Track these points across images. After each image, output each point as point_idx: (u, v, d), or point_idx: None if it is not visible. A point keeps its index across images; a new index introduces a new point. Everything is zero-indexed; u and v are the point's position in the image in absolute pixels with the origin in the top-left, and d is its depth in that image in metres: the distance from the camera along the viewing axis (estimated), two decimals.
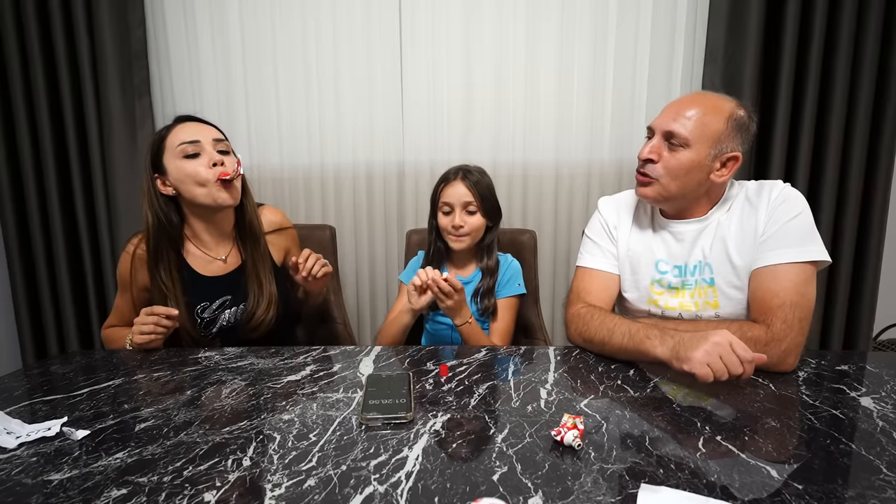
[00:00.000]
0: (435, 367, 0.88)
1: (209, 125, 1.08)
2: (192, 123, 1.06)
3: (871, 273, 1.65)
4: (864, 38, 1.53)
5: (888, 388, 0.77)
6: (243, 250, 1.14)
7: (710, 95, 0.95)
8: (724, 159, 0.92)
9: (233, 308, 1.12)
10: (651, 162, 0.95)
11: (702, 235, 0.98)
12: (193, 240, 1.11)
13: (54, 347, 1.83)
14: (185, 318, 1.06)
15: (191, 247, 1.11)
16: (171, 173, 1.03)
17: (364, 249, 1.84)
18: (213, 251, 1.12)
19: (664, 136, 0.94)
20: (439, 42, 1.70)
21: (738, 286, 0.94)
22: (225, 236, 1.13)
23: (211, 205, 1.04)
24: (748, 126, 0.93)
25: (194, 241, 1.11)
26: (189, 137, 1.02)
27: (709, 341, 0.75)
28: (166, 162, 1.03)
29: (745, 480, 0.53)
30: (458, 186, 1.21)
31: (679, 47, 1.68)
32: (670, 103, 0.97)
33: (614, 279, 1.05)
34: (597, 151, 1.74)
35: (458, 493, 0.52)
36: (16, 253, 1.76)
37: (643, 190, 0.98)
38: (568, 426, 0.61)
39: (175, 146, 1.02)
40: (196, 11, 1.71)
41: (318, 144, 1.77)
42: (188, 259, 1.10)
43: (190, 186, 1.02)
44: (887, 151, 1.58)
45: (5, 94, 1.69)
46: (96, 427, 0.67)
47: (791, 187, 0.94)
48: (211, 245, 1.12)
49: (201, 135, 1.04)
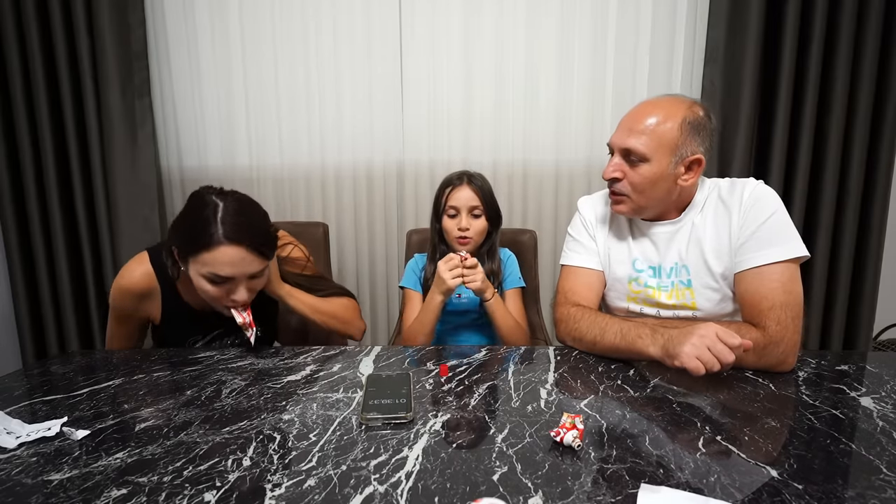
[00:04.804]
0: (435, 367, 0.88)
1: (255, 252, 0.90)
2: (236, 251, 0.88)
3: (871, 273, 1.65)
4: (864, 38, 1.53)
5: (888, 388, 0.77)
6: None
7: (661, 102, 0.94)
8: (686, 163, 0.92)
9: (224, 339, 1.10)
10: (616, 180, 0.96)
11: (676, 237, 0.98)
12: (191, 284, 1.00)
13: (54, 347, 1.83)
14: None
15: (188, 284, 1.00)
16: (188, 272, 0.93)
17: (364, 249, 1.84)
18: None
19: (622, 153, 0.95)
20: (439, 42, 1.70)
21: (715, 287, 0.95)
22: None
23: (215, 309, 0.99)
24: (706, 125, 0.92)
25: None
26: (224, 273, 0.89)
27: (695, 335, 0.76)
28: (189, 264, 0.91)
29: (745, 480, 0.53)
30: (464, 190, 1.22)
31: (679, 47, 1.68)
32: (623, 117, 0.97)
33: (599, 276, 1.06)
34: (597, 151, 1.74)
35: (458, 493, 0.51)
36: (16, 253, 1.76)
37: (617, 207, 1.00)
38: (567, 426, 0.61)
39: (204, 268, 0.89)
40: (196, 11, 1.71)
41: (318, 144, 1.77)
42: (182, 294, 1.04)
43: (200, 290, 0.94)
44: (887, 151, 1.58)
45: (5, 94, 1.69)
46: (96, 427, 0.67)
47: (763, 185, 0.94)
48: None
49: (239, 271, 0.90)
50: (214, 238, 0.87)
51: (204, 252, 0.88)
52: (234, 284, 0.92)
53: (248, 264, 0.90)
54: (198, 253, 0.88)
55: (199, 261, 0.89)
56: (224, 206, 0.90)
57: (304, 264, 1.14)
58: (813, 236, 1.63)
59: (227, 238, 0.87)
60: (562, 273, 1.10)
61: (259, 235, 0.92)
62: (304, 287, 1.09)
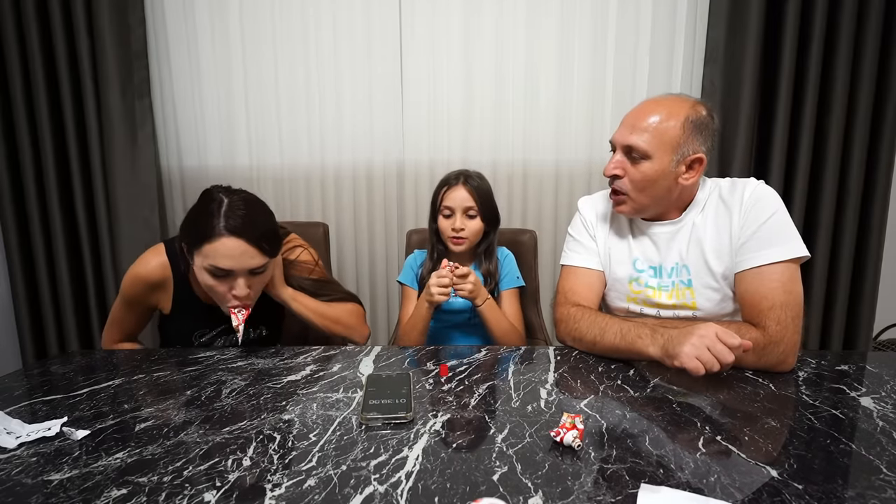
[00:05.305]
0: (435, 367, 0.88)
1: (255, 246, 0.92)
2: (237, 243, 0.90)
3: (871, 273, 1.65)
4: (864, 38, 1.53)
5: (888, 388, 0.77)
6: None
7: (665, 100, 0.94)
8: (688, 162, 0.92)
9: (230, 336, 1.10)
10: (617, 178, 0.96)
11: (677, 237, 0.98)
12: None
13: (54, 347, 1.83)
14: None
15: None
16: (193, 265, 0.95)
17: (364, 249, 1.84)
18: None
19: (624, 150, 0.95)
20: (439, 41, 1.70)
21: (716, 287, 0.94)
22: None
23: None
24: (708, 124, 0.92)
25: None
26: (224, 265, 0.90)
27: (694, 335, 0.76)
28: (194, 257, 0.94)
29: (745, 480, 0.53)
30: (459, 191, 1.21)
31: (679, 47, 1.68)
32: (626, 115, 0.97)
33: (599, 276, 1.06)
34: (597, 151, 1.74)
35: (458, 493, 0.51)
36: (16, 253, 1.76)
37: (618, 207, 1.00)
38: (567, 426, 0.61)
39: (205, 261, 0.91)
40: (196, 11, 1.71)
41: (318, 144, 1.77)
42: (194, 286, 1.06)
43: (203, 285, 0.96)
44: (887, 151, 1.58)
45: (5, 94, 1.69)
46: (96, 427, 0.67)
47: (764, 185, 0.94)
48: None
49: (238, 264, 0.91)
50: (216, 230, 0.89)
51: (206, 243, 0.90)
52: (234, 279, 0.93)
53: (248, 258, 0.92)
54: (201, 244, 0.91)
55: (202, 253, 0.91)
56: (229, 201, 0.93)
57: (312, 268, 1.14)
58: (813, 236, 1.63)
59: (228, 230, 0.89)
60: (562, 273, 1.10)
61: (260, 230, 0.93)
62: (309, 291, 1.09)
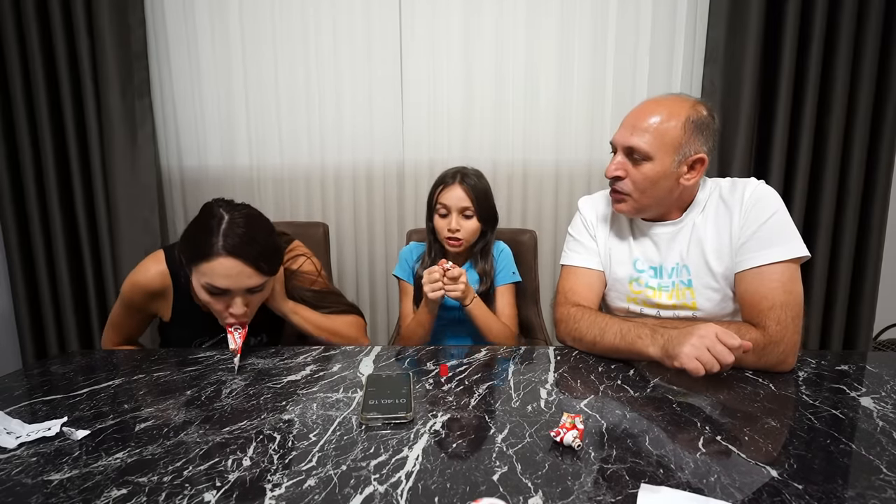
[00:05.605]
0: (435, 367, 0.88)
1: (253, 266, 0.90)
2: (234, 263, 0.88)
3: (871, 273, 1.65)
4: (864, 38, 1.53)
5: (888, 388, 0.77)
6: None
7: (665, 100, 0.94)
8: (689, 162, 0.92)
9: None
10: (619, 179, 0.96)
11: (677, 238, 0.98)
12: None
13: (54, 347, 1.83)
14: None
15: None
16: (192, 279, 0.94)
17: (364, 249, 1.84)
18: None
19: (625, 151, 0.94)
20: (439, 42, 1.70)
21: (716, 288, 0.94)
22: None
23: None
24: (709, 124, 0.92)
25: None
26: (220, 284, 0.89)
27: (694, 335, 0.76)
28: (192, 272, 0.92)
29: (745, 480, 0.53)
30: (455, 190, 1.20)
31: (679, 47, 1.68)
32: (627, 116, 0.96)
33: (599, 276, 1.06)
34: (597, 151, 1.74)
35: (458, 493, 0.51)
36: (16, 253, 1.76)
37: (619, 206, 0.99)
38: (567, 426, 0.61)
39: (203, 278, 0.90)
40: (196, 11, 1.71)
41: (318, 144, 1.77)
42: (194, 295, 1.02)
43: (202, 300, 0.95)
44: (887, 151, 1.58)
45: (5, 94, 1.69)
46: (96, 427, 0.67)
47: (765, 185, 0.94)
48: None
49: (235, 284, 0.90)
50: (214, 249, 0.87)
51: (203, 262, 0.88)
52: (231, 297, 0.92)
53: (245, 278, 0.90)
54: (198, 262, 0.89)
55: (199, 270, 0.89)
56: (229, 218, 0.90)
57: (314, 279, 1.13)
58: (813, 236, 1.63)
59: (226, 250, 0.87)
60: (562, 273, 1.10)
61: (259, 250, 0.91)
62: (310, 303, 1.08)
